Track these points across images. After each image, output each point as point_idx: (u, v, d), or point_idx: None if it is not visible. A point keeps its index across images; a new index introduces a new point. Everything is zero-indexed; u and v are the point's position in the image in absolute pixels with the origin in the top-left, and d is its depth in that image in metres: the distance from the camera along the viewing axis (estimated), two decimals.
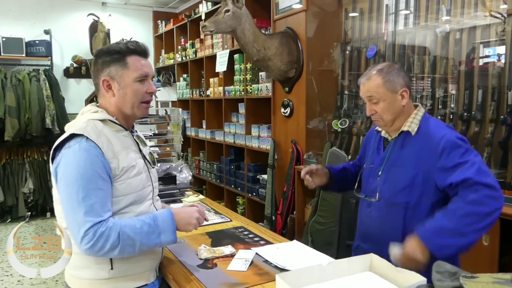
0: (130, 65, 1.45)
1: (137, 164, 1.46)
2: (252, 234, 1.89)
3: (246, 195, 4.21)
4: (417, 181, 1.60)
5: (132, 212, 1.43)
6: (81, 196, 1.30)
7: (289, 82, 3.41)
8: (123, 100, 1.46)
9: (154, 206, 1.55)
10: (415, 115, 1.69)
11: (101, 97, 1.49)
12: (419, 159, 1.61)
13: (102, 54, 1.47)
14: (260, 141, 3.94)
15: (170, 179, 2.57)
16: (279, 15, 3.52)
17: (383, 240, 1.63)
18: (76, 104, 6.10)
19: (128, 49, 1.46)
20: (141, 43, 1.52)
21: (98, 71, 1.46)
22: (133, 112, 1.49)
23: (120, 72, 1.44)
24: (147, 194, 1.51)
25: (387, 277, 1.27)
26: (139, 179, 1.45)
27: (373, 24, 3.15)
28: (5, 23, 5.53)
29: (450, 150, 1.53)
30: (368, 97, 1.70)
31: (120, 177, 1.40)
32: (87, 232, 1.28)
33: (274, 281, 1.38)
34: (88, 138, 1.35)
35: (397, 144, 1.69)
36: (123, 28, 6.34)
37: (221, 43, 4.57)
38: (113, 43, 1.55)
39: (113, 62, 1.44)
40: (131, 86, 1.45)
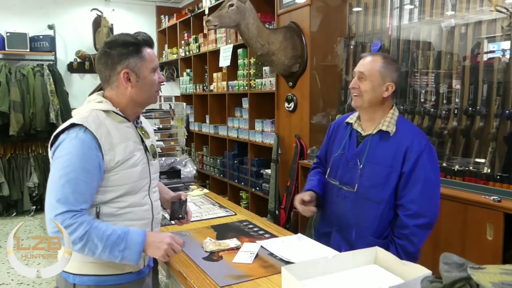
0: (147, 57, 1.48)
1: (134, 156, 1.48)
2: (257, 227, 1.90)
3: (249, 190, 4.22)
4: (391, 180, 1.70)
5: (124, 202, 1.45)
6: (61, 183, 1.33)
7: (293, 77, 3.41)
8: (141, 91, 1.49)
9: (149, 197, 1.55)
10: (392, 114, 1.76)
11: (114, 88, 1.49)
12: (394, 160, 1.70)
13: (117, 46, 1.46)
14: (263, 135, 3.94)
15: (174, 173, 2.58)
16: (283, 9, 3.51)
17: (359, 232, 1.75)
18: (80, 99, 6.10)
19: (143, 41, 1.49)
20: (148, 34, 1.54)
21: (114, 63, 1.45)
22: (148, 101, 1.56)
23: (139, 64, 1.46)
24: (142, 185, 1.52)
25: (392, 270, 1.27)
26: (134, 171, 1.47)
27: (377, 19, 3.14)
28: (9, 18, 5.54)
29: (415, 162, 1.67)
30: (359, 72, 1.75)
31: (115, 169, 1.42)
32: (56, 218, 1.31)
33: (279, 273, 1.39)
34: (87, 128, 1.38)
35: (373, 141, 1.76)
36: (127, 23, 6.34)
37: (225, 37, 4.57)
38: (120, 34, 1.53)
39: (131, 54, 1.45)
40: (148, 77, 1.49)
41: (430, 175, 1.69)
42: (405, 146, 1.69)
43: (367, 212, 1.75)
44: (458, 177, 2.38)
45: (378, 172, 1.72)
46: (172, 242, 1.44)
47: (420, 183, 1.67)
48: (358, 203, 1.77)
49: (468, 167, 2.37)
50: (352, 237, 1.77)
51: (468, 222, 2.18)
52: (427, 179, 1.68)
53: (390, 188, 1.71)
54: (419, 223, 1.67)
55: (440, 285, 0.68)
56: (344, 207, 1.80)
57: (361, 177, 1.76)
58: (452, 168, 2.43)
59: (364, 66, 1.75)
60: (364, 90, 1.72)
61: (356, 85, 1.74)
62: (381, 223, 1.73)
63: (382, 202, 1.72)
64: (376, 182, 1.73)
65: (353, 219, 1.78)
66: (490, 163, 2.27)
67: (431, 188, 1.71)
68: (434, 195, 1.73)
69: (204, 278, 1.40)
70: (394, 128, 1.73)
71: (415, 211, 1.67)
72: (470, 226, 2.17)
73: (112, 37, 1.52)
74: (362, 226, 1.75)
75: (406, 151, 1.69)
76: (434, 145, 2.60)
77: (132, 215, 1.48)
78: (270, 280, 1.38)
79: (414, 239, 1.68)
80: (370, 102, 1.73)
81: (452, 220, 2.26)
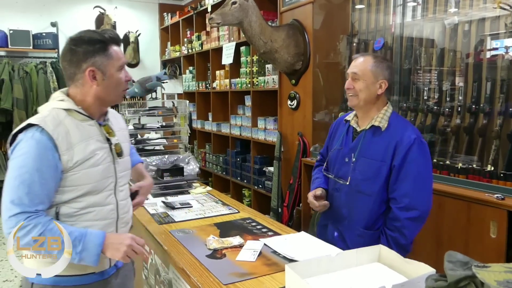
0: (113, 55, 1.46)
1: (96, 155, 1.45)
2: (260, 225, 1.90)
3: (252, 187, 4.22)
4: (382, 174, 1.78)
5: (84, 201, 1.43)
6: (16, 184, 1.32)
7: (295, 75, 3.40)
8: (107, 90, 1.46)
9: (115, 197, 1.52)
10: (385, 111, 1.85)
11: (78, 86, 1.45)
12: (385, 154, 1.78)
13: (83, 43, 1.43)
14: (266, 133, 3.94)
15: (177, 170, 2.59)
16: (286, 7, 3.51)
17: (350, 223, 1.86)
18: None
19: (110, 39, 1.46)
20: (115, 32, 1.53)
21: (79, 61, 1.42)
22: (114, 100, 1.54)
23: (105, 62, 1.44)
24: (106, 185, 1.49)
25: (396, 268, 1.28)
26: (95, 171, 1.44)
27: (380, 16, 3.13)
28: (12, 16, 5.55)
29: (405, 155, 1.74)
30: (353, 72, 1.84)
31: (74, 168, 1.39)
32: (10, 219, 1.30)
33: (282, 271, 1.40)
34: (44, 129, 1.35)
35: (367, 136, 1.84)
36: (129, 20, 6.34)
37: (227, 35, 4.56)
38: (87, 30, 1.48)
39: (97, 52, 1.43)
40: (115, 76, 1.47)
41: (420, 169, 1.75)
42: (395, 141, 1.76)
43: (359, 204, 1.83)
44: (461, 175, 2.38)
45: (369, 165, 1.80)
46: (132, 243, 1.42)
47: (411, 177, 1.74)
48: (351, 196, 1.86)
49: (471, 165, 2.36)
50: (344, 228, 1.87)
51: (471, 220, 2.18)
52: (418, 173, 1.75)
53: (381, 181, 1.78)
54: (411, 216, 1.73)
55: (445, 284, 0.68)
56: (339, 199, 1.90)
57: (353, 170, 1.85)
58: (455, 166, 2.42)
59: (357, 67, 1.83)
60: (359, 89, 1.81)
61: (351, 86, 1.83)
62: (372, 215, 1.81)
63: (372, 194, 1.80)
64: (367, 176, 1.81)
65: (346, 211, 1.87)
66: (493, 161, 2.26)
67: (422, 181, 1.77)
68: (426, 188, 1.79)
69: (207, 276, 1.40)
70: (386, 124, 1.81)
71: (406, 204, 1.73)
72: (474, 224, 2.17)
73: (78, 34, 1.46)
74: (354, 218, 1.85)
75: (396, 145, 1.76)
76: (437, 143, 2.60)
77: (93, 215, 1.45)
78: (273, 278, 1.38)
79: (405, 231, 1.74)
80: (365, 101, 1.81)
81: (456, 218, 2.25)
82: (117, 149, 1.54)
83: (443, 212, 2.32)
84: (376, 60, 1.84)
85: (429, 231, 2.39)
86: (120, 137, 1.59)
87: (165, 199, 2.30)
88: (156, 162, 2.64)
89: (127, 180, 1.63)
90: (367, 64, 1.82)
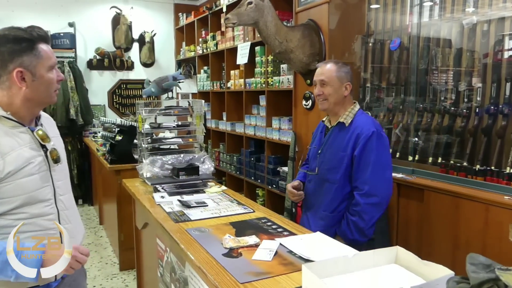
0: (43, 54, 1.37)
1: (31, 163, 1.36)
2: (276, 225, 1.91)
3: (266, 187, 4.23)
4: (344, 163, 2.04)
5: (25, 213, 1.35)
6: None
7: (311, 75, 3.39)
8: (37, 91, 1.38)
9: (56, 206, 1.45)
10: (351, 109, 2.12)
11: (5, 89, 1.36)
12: (347, 146, 2.03)
13: (7, 42, 1.32)
14: (280, 133, 3.94)
15: (193, 169, 2.60)
16: (301, 7, 3.50)
17: (316, 209, 2.15)
18: (99, 96, 6.21)
19: (38, 37, 1.37)
20: (43, 29, 1.42)
21: (5, 61, 1.32)
22: (46, 101, 1.46)
23: (34, 63, 1.35)
24: (45, 194, 1.41)
25: (413, 270, 1.27)
26: (30, 180, 1.35)
27: (396, 16, 3.11)
28: (31, 16, 5.65)
29: (366, 150, 1.98)
30: (320, 80, 2.11)
31: (5, 179, 1.30)
32: None
33: (298, 271, 1.40)
34: None
35: (334, 132, 2.13)
36: (145, 20, 6.41)
37: (242, 35, 4.58)
38: (11, 28, 1.36)
39: (24, 51, 1.33)
40: (46, 76, 1.39)
41: (379, 158, 1.98)
42: (356, 133, 2.02)
43: (324, 191, 2.12)
44: (479, 176, 2.35)
45: (334, 156, 2.08)
46: (75, 254, 1.33)
47: (370, 166, 1.97)
48: (318, 184, 2.15)
49: (489, 167, 2.34)
50: (311, 214, 2.17)
51: (489, 223, 2.15)
52: (377, 162, 1.97)
53: (342, 170, 2.04)
54: (370, 202, 1.97)
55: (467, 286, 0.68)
56: (309, 189, 2.22)
57: (321, 162, 2.15)
58: (473, 168, 2.40)
59: (323, 74, 2.10)
60: (328, 94, 2.08)
61: (321, 92, 2.10)
62: (334, 199, 2.08)
63: (335, 182, 2.07)
64: (332, 165, 2.09)
65: (314, 198, 2.17)
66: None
67: (381, 170, 1.99)
68: (385, 177, 2.02)
69: (224, 274, 1.41)
70: (350, 120, 2.08)
71: (366, 190, 1.98)
72: (491, 227, 2.14)
73: (1, 31, 1.35)
74: (319, 203, 2.14)
75: (357, 137, 2.01)
76: (454, 144, 2.57)
77: (33, 226, 1.37)
78: (289, 277, 1.38)
79: (364, 216, 1.98)
80: (335, 103, 2.09)
81: (473, 221, 2.23)
82: (53, 156, 1.45)
83: (460, 214, 2.30)
84: (339, 66, 2.10)
85: (446, 233, 2.37)
86: (56, 143, 1.50)
87: (181, 197, 2.32)
88: (172, 161, 2.66)
89: (67, 188, 1.55)
90: (332, 70, 2.08)
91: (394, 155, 2.91)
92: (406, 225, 2.64)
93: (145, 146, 2.77)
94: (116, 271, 3.82)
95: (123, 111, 6.39)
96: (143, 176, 2.66)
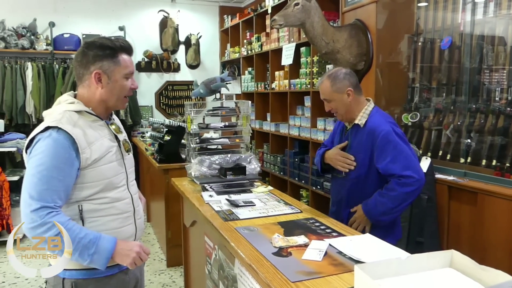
0: (121, 62, 1.56)
1: (110, 152, 1.55)
2: (324, 225, 1.91)
3: (310, 188, 4.22)
4: (364, 162, 2.12)
5: (107, 197, 1.53)
6: (34, 180, 1.39)
7: (357, 75, 3.35)
8: (110, 94, 1.56)
9: (128, 191, 1.63)
10: (365, 109, 2.17)
11: (85, 87, 1.56)
12: (365, 146, 2.11)
13: (94, 47, 1.53)
14: (326, 134, 3.92)
15: (240, 169, 2.65)
16: (348, 7, 3.47)
17: (343, 204, 2.23)
18: (147, 97, 6.41)
19: (121, 47, 1.57)
20: (127, 41, 1.64)
21: (88, 63, 1.53)
22: (116, 105, 1.62)
23: (112, 68, 1.54)
24: (120, 180, 1.59)
25: (470, 275, 1.24)
26: (109, 167, 1.53)
27: (447, 14, 3.02)
28: (85, 21, 5.93)
29: (383, 145, 2.05)
30: (324, 99, 2.20)
31: (91, 166, 1.48)
32: (31, 214, 1.36)
33: (349, 272, 1.40)
34: (61, 129, 1.43)
35: (352, 133, 2.20)
36: (191, 23, 6.55)
37: (287, 36, 4.59)
38: (101, 37, 1.62)
39: (106, 57, 1.53)
40: (119, 82, 1.57)
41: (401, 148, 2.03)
42: (371, 134, 2.08)
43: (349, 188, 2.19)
44: None
45: (356, 157, 2.14)
46: (140, 251, 1.52)
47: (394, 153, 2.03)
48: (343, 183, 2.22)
49: None
50: (342, 210, 2.24)
51: None
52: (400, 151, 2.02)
53: (364, 168, 2.12)
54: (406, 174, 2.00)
55: None
56: (336, 187, 2.32)
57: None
58: None
59: (323, 94, 2.19)
60: (336, 107, 2.17)
61: (329, 108, 2.20)
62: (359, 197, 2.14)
63: (359, 179, 2.15)
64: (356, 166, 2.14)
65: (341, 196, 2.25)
66: None
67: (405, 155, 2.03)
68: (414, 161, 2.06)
69: (275, 273, 1.43)
70: (365, 121, 2.14)
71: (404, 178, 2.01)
72: None
73: (92, 39, 1.59)
74: (343, 200, 2.23)
75: (373, 138, 2.07)
76: (510, 146, 2.47)
77: (114, 209, 1.55)
78: (340, 278, 1.39)
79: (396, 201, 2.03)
80: (346, 112, 2.16)
81: None
82: (125, 146, 1.67)
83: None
84: (332, 79, 2.14)
85: (501, 238, 2.28)
86: (124, 135, 1.71)
87: (229, 197, 2.37)
88: (219, 161, 2.72)
89: (134, 176, 1.73)
90: (327, 87, 2.15)
91: (444, 157, 2.84)
92: (458, 229, 2.56)
93: (194, 146, 2.84)
94: (163, 267, 3.93)
95: (169, 112, 6.56)
96: (192, 176, 2.73)
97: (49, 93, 5.55)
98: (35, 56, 5.64)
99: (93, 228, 1.49)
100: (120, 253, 1.48)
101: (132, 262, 1.50)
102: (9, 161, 4.89)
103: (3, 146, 4.42)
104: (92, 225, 1.51)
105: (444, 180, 2.63)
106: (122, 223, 1.59)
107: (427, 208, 2.62)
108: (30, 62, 5.52)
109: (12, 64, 5.47)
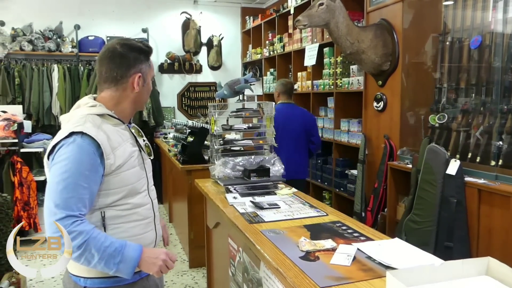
0: (151, 65, 1.60)
1: (133, 157, 1.51)
2: (351, 229, 1.87)
3: (333, 190, 4.17)
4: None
5: (129, 203, 1.48)
6: (59, 188, 1.33)
7: (383, 75, 3.31)
8: (141, 96, 1.58)
9: (149, 196, 1.60)
10: None
11: (119, 89, 1.52)
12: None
13: (133, 50, 1.52)
14: (349, 135, 3.87)
15: (264, 171, 2.63)
16: (373, 6, 3.42)
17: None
18: (169, 98, 6.46)
19: (150, 51, 1.58)
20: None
21: (129, 66, 1.50)
22: (142, 106, 1.65)
23: (147, 71, 1.56)
24: (142, 185, 1.55)
25: (508, 283, 1.19)
26: (132, 172, 1.50)
27: (477, 13, 2.93)
28: (109, 24, 6.02)
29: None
30: None
31: (115, 172, 1.43)
32: (56, 223, 1.30)
33: (380, 278, 1.37)
34: (86, 134, 1.38)
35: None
36: (213, 24, 6.58)
37: (310, 36, 4.55)
38: (130, 39, 1.59)
39: (143, 60, 1.54)
40: (149, 84, 1.60)
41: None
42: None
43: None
44: None
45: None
46: (166, 259, 1.46)
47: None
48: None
49: None
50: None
51: None
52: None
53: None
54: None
55: None
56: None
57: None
58: None
59: None
60: None
61: None
62: None
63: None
64: None
65: None
66: None
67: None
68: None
69: (303, 278, 1.41)
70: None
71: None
72: None
73: (125, 40, 1.55)
74: None
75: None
76: None
77: (137, 215, 1.51)
78: (371, 284, 1.35)
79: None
80: None
81: None
82: (147, 150, 1.64)
83: None
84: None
85: None
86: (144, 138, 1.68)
87: (253, 199, 2.35)
88: (243, 163, 2.70)
89: (152, 180, 1.70)
90: None
91: (474, 159, 2.75)
92: (489, 234, 2.48)
93: (217, 147, 2.83)
94: (186, 268, 3.94)
95: (191, 113, 6.60)
96: (215, 177, 2.72)
97: (74, 94, 5.64)
98: (61, 58, 5.75)
99: (115, 235, 1.45)
100: (147, 261, 1.43)
101: (159, 270, 1.45)
102: (36, 161, 4.98)
103: (31, 146, 4.51)
104: (114, 231, 1.46)
105: (474, 183, 2.55)
106: (144, 229, 1.56)
107: (456, 212, 2.55)
108: (56, 64, 5.63)
109: (39, 66, 5.59)
